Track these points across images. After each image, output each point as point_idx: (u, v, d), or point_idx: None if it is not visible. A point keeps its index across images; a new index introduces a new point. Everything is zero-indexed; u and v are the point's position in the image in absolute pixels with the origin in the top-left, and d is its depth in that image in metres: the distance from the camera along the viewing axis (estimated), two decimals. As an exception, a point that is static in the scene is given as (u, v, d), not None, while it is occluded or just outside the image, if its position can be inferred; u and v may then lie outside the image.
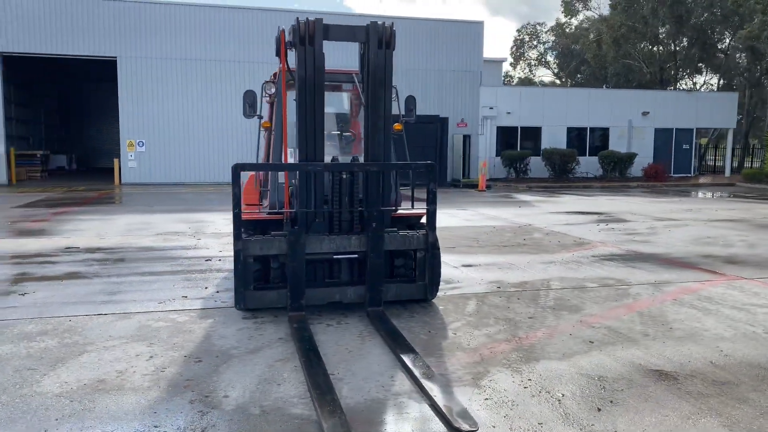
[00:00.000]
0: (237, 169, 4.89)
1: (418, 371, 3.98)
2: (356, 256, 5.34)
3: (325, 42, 5.13)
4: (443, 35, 25.59)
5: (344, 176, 5.32)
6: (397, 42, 5.29)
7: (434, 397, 3.58)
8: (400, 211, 5.95)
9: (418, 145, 22.93)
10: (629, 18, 36.07)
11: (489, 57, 30.03)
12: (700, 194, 21.21)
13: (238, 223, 4.94)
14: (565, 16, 48.92)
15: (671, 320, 5.35)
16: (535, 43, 58.24)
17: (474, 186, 22.48)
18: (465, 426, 3.22)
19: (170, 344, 4.63)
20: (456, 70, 25.84)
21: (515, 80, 59.20)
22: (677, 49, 38.61)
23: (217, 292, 6.22)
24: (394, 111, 6.80)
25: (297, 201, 5.27)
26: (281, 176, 5.61)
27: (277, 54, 5.35)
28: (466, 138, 26.28)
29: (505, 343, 4.70)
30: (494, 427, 3.30)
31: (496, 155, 26.62)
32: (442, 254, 5.82)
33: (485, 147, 26.64)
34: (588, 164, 26.59)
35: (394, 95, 6.22)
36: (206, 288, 6.39)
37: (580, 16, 48.60)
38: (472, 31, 26.11)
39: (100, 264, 7.74)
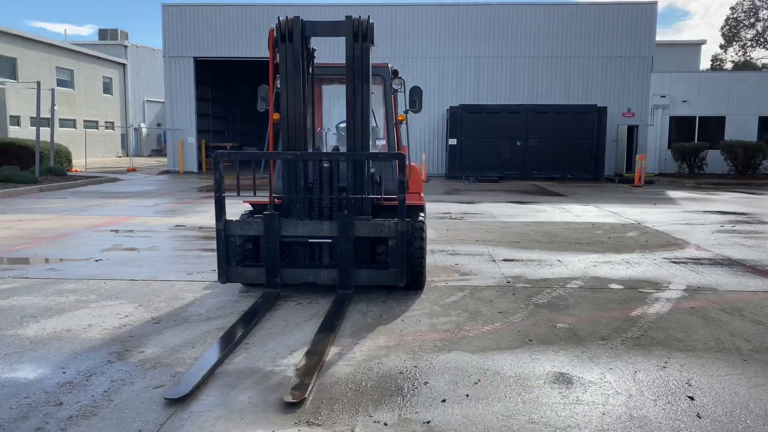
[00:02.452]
0: (218, 157, 5.47)
1: (315, 348, 4.20)
2: (330, 241, 5.61)
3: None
4: (608, 19, 23.98)
5: (324, 165, 5.61)
6: (547, 28, 5.38)
7: (297, 371, 3.80)
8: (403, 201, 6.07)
9: (570, 137, 21.99)
10: None
11: (682, 39, 27.44)
12: None
13: (220, 205, 5.51)
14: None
15: (650, 328, 4.83)
16: (752, 20, 51.51)
17: (631, 181, 20.87)
18: (288, 398, 3.42)
19: (153, 307, 5.35)
20: (622, 56, 24.06)
21: (727, 64, 52.97)
22: None
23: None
24: (400, 102, 6.93)
25: (284, 187, 5.69)
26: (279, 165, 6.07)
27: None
28: (633, 129, 24.46)
29: (439, 333, 4.68)
30: (318, 410, 3.45)
31: (668, 148, 24.34)
32: (497, 247, 5.84)
33: (655, 139, 24.51)
34: (782, 159, 23.17)
35: (399, 87, 6.36)
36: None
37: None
38: (643, 13, 24.08)
39: (186, 239, 8.88)
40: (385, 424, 3.20)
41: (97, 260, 7.32)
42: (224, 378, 3.81)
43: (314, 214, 5.71)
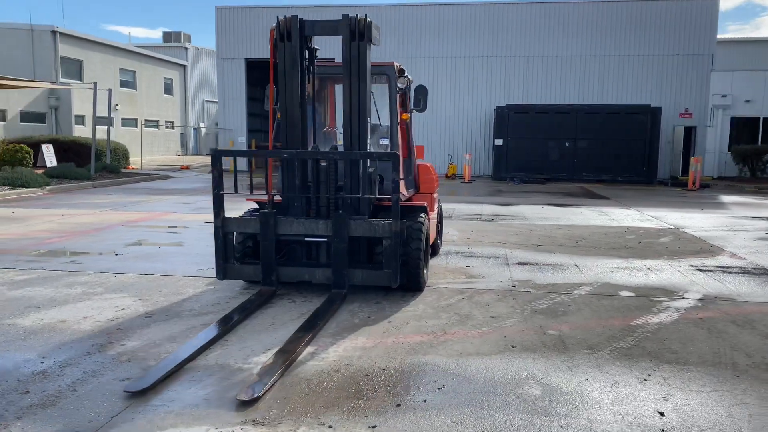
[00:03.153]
0: (216, 154, 5.55)
1: (288, 347, 4.19)
2: (326, 240, 5.60)
3: None
4: (665, 16, 23.06)
5: (322, 164, 5.60)
6: (600, 25, 5.27)
7: (261, 369, 3.81)
8: (405, 200, 6.02)
9: (622, 138, 21.31)
10: None
11: (757, 36, 26.11)
12: None
13: (218, 202, 5.58)
14: None
15: (645, 338, 4.59)
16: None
17: (685, 184, 20.01)
18: (242, 396, 3.43)
19: (151, 301, 5.47)
20: (680, 54, 23.11)
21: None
22: None
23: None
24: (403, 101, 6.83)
25: (282, 186, 5.72)
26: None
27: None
28: (690, 130, 23.47)
29: (422, 336, 4.59)
30: (270, 409, 3.43)
31: (728, 150, 23.22)
32: (517, 250, 5.73)
33: (714, 141, 23.43)
34: None
35: (404, 86, 6.29)
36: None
37: None
38: (704, 9, 23.04)
39: (211, 236, 9.04)
40: (330, 426, 3.16)
41: (117, 254, 7.55)
42: (192, 373, 3.85)
43: (312, 212, 5.71)
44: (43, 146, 23.32)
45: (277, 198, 5.88)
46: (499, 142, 22.56)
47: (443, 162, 24.40)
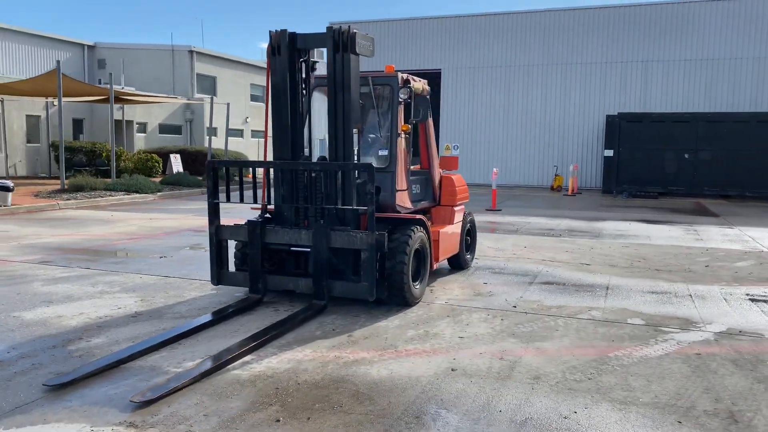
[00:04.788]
0: (209, 165, 5.79)
1: (222, 354, 4.27)
2: (308, 250, 5.61)
3: None
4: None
5: (312, 175, 5.63)
6: (730, 26, 5.13)
7: (178, 374, 3.91)
8: (397, 212, 5.92)
9: (752, 149, 19.35)
10: None
11: None
12: None
13: (213, 210, 5.81)
14: None
15: (609, 371, 4.12)
16: None
17: (825, 202, 17.60)
18: (136, 398, 3.54)
19: (148, 302, 5.81)
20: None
21: None
22: None
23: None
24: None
25: (274, 195, 5.84)
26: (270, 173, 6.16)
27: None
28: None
29: (369, 352, 4.46)
30: (155, 413, 3.51)
31: None
32: (556, 269, 5.85)
33: None
34: None
35: (407, 96, 6.15)
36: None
37: None
38: None
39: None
40: (192, 435, 3.18)
41: (161, 257, 8.09)
42: (123, 373, 4.04)
43: (301, 222, 5.76)
44: (171, 156, 25.54)
45: (270, 207, 6.01)
46: (609, 153, 21.24)
47: (548, 174, 23.48)
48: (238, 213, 8.29)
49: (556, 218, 13.28)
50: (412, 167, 7.47)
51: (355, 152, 5.60)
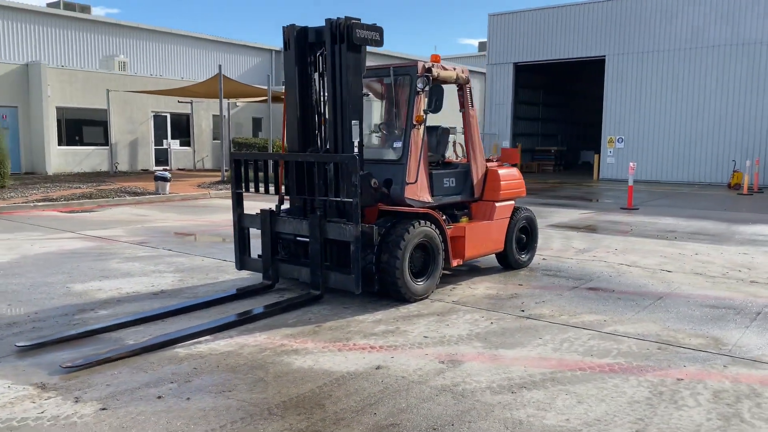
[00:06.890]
0: (232, 157, 6.12)
1: (179, 335, 4.54)
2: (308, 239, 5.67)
3: None
4: None
5: (314, 167, 5.68)
6: None
7: (122, 347, 4.27)
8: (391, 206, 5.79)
9: None
10: None
11: None
12: None
13: (237, 199, 6.13)
14: None
15: (529, 384, 3.64)
16: None
17: None
18: (66, 364, 3.93)
19: (184, 282, 6.33)
20: None
21: None
22: None
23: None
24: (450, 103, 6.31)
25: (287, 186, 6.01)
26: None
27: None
28: None
29: (316, 343, 4.45)
30: (76, 379, 3.87)
31: None
32: (628, 274, 5.75)
33: None
34: None
35: (423, 86, 5.92)
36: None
37: None
38: None
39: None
40: (77, 399, 3.46)
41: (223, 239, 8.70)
42: (91, 341, 4.50)
43: (308, 213, 5.85)
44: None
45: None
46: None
47: (725, 170, 20.79)
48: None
49: (693, 219, 11.76)
50: (456, 160, 7.20)
51: (356, 144, 5.53)
